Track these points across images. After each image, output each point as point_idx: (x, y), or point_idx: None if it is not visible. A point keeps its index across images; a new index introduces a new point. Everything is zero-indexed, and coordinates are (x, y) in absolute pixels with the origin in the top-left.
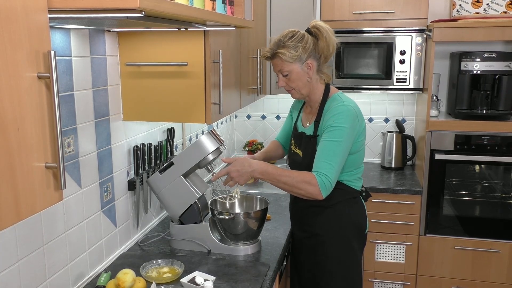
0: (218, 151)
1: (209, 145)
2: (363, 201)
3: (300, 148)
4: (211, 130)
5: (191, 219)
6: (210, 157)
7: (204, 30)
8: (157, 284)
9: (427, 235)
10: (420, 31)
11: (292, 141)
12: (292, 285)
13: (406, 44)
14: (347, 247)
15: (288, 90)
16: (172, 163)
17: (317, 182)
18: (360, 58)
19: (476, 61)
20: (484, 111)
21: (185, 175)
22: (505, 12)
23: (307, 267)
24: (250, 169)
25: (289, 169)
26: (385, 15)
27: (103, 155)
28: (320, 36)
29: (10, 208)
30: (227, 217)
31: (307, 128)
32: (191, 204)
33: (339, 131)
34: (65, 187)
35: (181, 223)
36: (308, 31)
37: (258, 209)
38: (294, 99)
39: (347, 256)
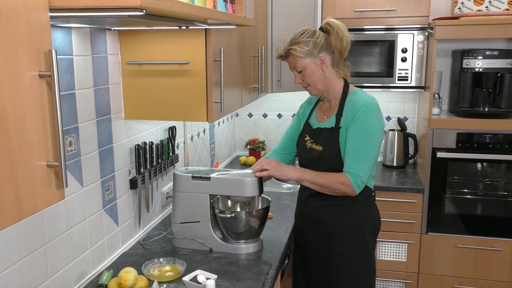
0: (253, 197)
1: (250, 191)
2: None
3: (319, 143)
4: (260, 178)
5: None
6: (243, 199)
7: (205, 29)
8: (159, 282)
9: (429, 233)
10: (421, 29)
11: (307, 138)
12: (296, 287)
13: (408, 42)
14: (364, 246)
15: (304, 87)
16: (209, 178)
17: (351, 183)
18: (361, 56)
19: (478, 58)
20: (486, 109)
21: (211, 196)
22: (507, 10)
23: (320, 268)
24: (286, 168)
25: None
26: (386, 13)
27: (105, 153)
28: (331, 31)
29: (12, 207)
30: (229, 215)
31: (325, 122)
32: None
33: (368, 128)
34: (66, 186)
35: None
36: (320, 28)
37: (259, 207)
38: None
39: (363, 256)
